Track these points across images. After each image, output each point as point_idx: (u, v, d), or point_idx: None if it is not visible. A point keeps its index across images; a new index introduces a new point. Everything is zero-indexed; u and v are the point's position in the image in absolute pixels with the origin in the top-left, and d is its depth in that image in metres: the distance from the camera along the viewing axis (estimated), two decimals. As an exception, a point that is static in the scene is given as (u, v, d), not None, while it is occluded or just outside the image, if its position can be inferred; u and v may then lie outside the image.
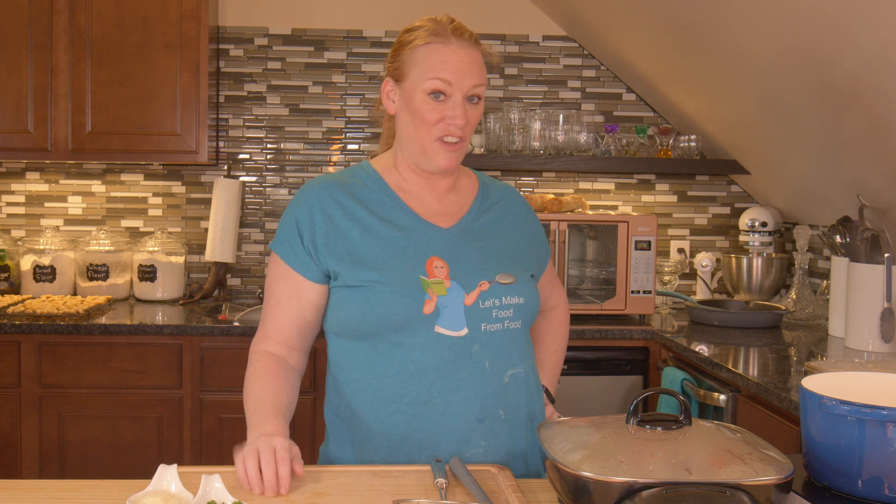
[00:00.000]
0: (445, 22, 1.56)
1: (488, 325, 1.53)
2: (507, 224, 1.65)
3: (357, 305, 1.50)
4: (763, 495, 1.08)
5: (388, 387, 1.50)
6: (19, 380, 2.88)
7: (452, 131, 1.52)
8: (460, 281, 1.52)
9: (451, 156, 1.54)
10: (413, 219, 1.57)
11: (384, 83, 1.60)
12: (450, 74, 1.51)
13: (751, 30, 2.51)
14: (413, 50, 1.54)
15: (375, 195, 1.58)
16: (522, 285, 1.58)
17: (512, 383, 1.55)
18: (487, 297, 1.53)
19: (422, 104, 1.52)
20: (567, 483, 1.14)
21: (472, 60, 1.55)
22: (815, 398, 1.18)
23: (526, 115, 3.38)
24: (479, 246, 1.58)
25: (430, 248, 1.54)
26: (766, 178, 3.39)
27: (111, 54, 3.21)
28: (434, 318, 1.49)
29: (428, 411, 1.49)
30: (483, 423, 1.51)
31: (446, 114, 1.52)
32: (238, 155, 3.60)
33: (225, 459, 2.89)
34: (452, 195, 1.63)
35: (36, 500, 1.27)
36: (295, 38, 3.59)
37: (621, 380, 2.98)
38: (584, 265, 3.42)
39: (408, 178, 1.60)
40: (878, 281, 2.47)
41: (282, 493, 1.31)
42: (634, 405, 1.24)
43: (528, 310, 1.59)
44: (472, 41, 1.56)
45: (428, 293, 1.50)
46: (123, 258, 3.45)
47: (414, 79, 1.53)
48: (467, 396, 1.50)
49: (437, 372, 1.49)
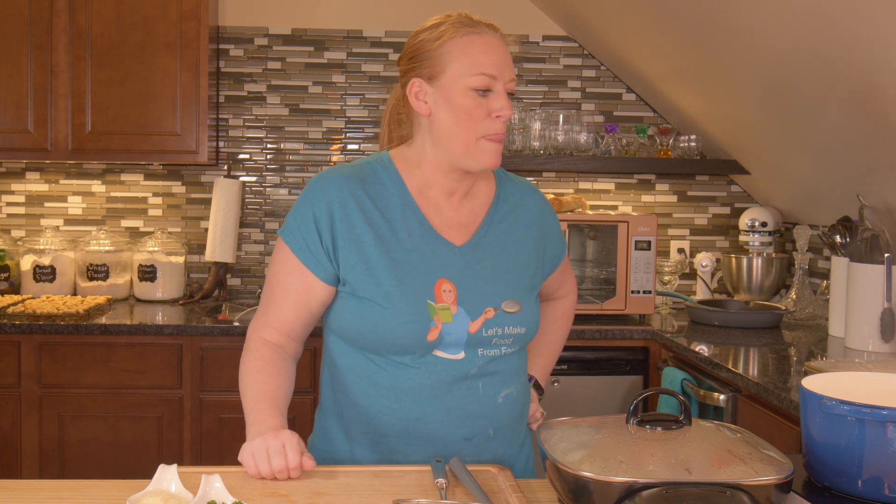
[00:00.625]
0: (465, 14, 1.51)
1: (486, 351, 1.51)
2: (521, 232, 1.60)
3: (362, 321, 1.47)
4: (763, 495, 1.08)
5: (382, 398, 1.49)
6: (19, 380, 2.88)
7: (499, 126, 1.47)
8: (467, 307, 1.49)
9: (497, 153, 1.49)
10: (427, 231, 1.51)
11: (411, 84, 1.50)
12: (494, 68, 1.46)
13: (751, 30, 2.51)
14: (443, 44, 1.47)
15: (392, 198, 1.52)
16: (526, 314, 1.55)
17: (506, 403, 1.54)
18: (491, 326, 1.51)
19: (466, 100, 1.46)
20: (567, 483, 1.13)
21: (506, 52, 1.50)
22: (815, 398, 1.18)
23: (526, 115, 3.38)
24: (490, 265, 1.54)
25: (440, 269, 1.50)
26: (766, 178, 3.39)
27: (111, 54, 3.21)
28: (436, 344, 1.48)
29: (418, 428, 1.49)
30: (471, 442, 1.51)
31: (492, 107, 1.46)
32: (238, 155, 3.60)
33: (225, 459, 2.89)
34: (468, 202, 1.57)
35: (36, 500, 1.27)
36: (295, 38, 3.59)
37: (621, 380, 2.98)
38: (584, 265, 3.42)
39: (432, 179, 1.54)
40: (878, 281, 2.47)
41: (293, 476, 1.34)
42: (634, 405, 1.24)
43: (527, 338, 1.57)
44: (500, 33, 1.52)
45: (434, 320, 1.47)
46: (123, 258, 3.45)
47: (453, 75, 1.46)
48: (458, 417, 1.49)
49: (430, 392, 1.48)
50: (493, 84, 1.46)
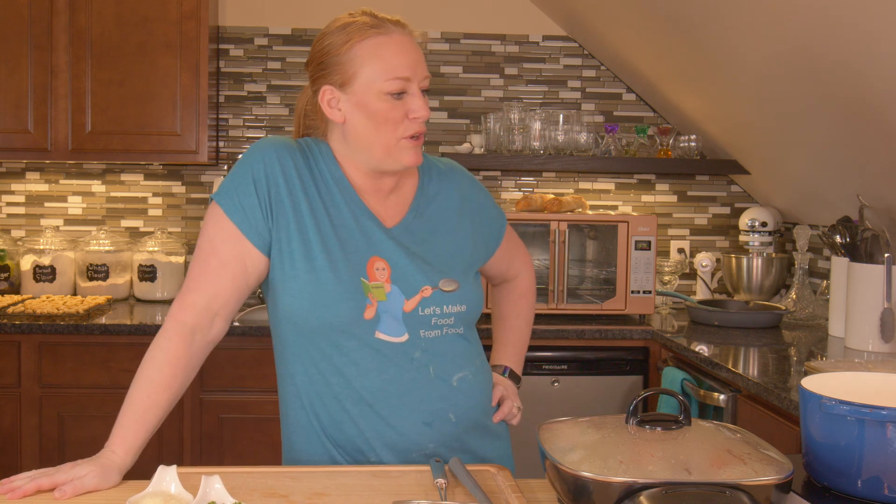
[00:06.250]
0: (370, 13, 1.48)
1: (427, 332, 1.49)
2: (453, 213, 1.59)
3: (299, 300, 1.44)
4: (763, 495, 1.08)
5: (334, 385, 1.47)
6: (19, 380, 2.88)
7: (417, 127, 1.47)
8: (400, 285, 1.48)
9: (417, 151, 1.49)
10: (359, 209, 1.50)
11: (322, 92, 1.47)
12: (407, 70, 1.44)
13: (751, 30, 2.51)
14: (352, 48, 1.44)
15: (326, 173, 1.50)
16: (465, 291, 1.54)
17: (462, 386, 1.53)
18: (428, 305, 1.49)
19: (382, 105, 1.44)
20: (566, 483, 1.13)
21: (417, 50, 1.48)
22: (815, 398, 1.18)
23: (526, 115, 3.38)
24: (423, 247, 1.53)
25: (372, 248, 1.48)
26: (766, 178, 3.39)
27: (111, 54, 3.21)
28: (374, 324, 1.46)
29: (372, 414, 1.47)
30: (431, 427, 1.50)
31: (408, 109, 1.45)
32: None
33: (225, 460, 2.89)
34: (393, 196, 1.55)
35: (36, 500, 1.27)
36: (295, 38, 3.59)
37: (621, 380, 2.98)
38: (584, 265, 3.42)
39: (354, 179, 1.52)
40: (878, 281, 2.47)
41: (0, 491, 1.28)
42: (634, 405, 1.24)
43: (470, 316, 1.56)
44: (408, 30, 1.49)
45: (369, 297, 1.45)
46: (123, 258, 3.45)
47: (365, 80, 1.44)
48: (411, 401, 1.48)
49: (379, 376, 1.47)
50: (407, 86, 1.45)
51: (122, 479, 1.36)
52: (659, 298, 3.54)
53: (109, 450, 1.37)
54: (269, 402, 2.91)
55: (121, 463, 1.36)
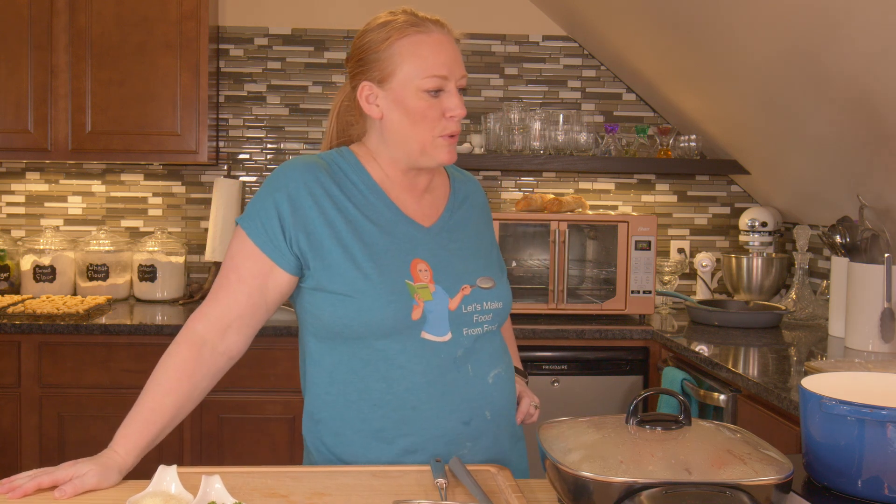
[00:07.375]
0: (411, 11, 1.50)
1: (469, 330, 1.51)
2: (477, 219, 1.65)
3: (343, 309, 1.45)
4: (763, 495, 1.08)
5: (374, 391, 1.48)
6: (19, 380, 2.88)
7: (454, 126, 1.49)
8: (444, 285, 1.50)
9: (453, 149, 1.51)
10: (395, 214, 1.52)
11: (361, 88, 1.50)
12: (445, 69, 1.46)
13: (751, 30, 2.51)
14: (392, 45, 1.46)
15: (357, 185, 1.52)
16: (500, 289, 1.57)
17: (496, 383, 1.55)
18: (469, 302, 1.52)
19: (419, 102, 1.46)
20: (567, 483, 1.13)
21: (455, 49, 1.50)
22: (815, 398, 1.18)
23: (526, 115, 3.38)
24: (459, 245, 1.56)
25: (413, 250, 1.51)
26: (766, 178, 3.39)
27: (111, 54, 3.21)
28: (421, 325, 1.47)
29: (416, 416, 1.48)
30: (469, 426, 1.50)
31: (445, 107, 1.47)
32: (238, 155, 3.61)
33: (225, 460, 2.89)
34: (428, 195, 1.59)
35: (36, 500, 1.27)
36: (295, 38, 3.59)
37: (621, 380, 2.98)
38: (584, 265, 3.42)
39: (391, 175, 1.54)
40: (878, 281, 2.47)
41: (1, 491, 1.28)
42: (634, 405, 1.24)
43: (504, 314, 1.59)
44: (447, 29, 1.51)
45: (415, 298, 1.47)
46: (123, 258, 3.45)
47: (403, 78, 1.46)
48: (454, 401, 1.49)
49: (423, 378, 1.47)
50: (444, 84, 1.47)
51: (122, 479, 1.36)
52: (659, 298, 3.54)
53: (111, 449, 1.39)
54: (269, 402, 2.91)
55: (121, 462, 1.37)
